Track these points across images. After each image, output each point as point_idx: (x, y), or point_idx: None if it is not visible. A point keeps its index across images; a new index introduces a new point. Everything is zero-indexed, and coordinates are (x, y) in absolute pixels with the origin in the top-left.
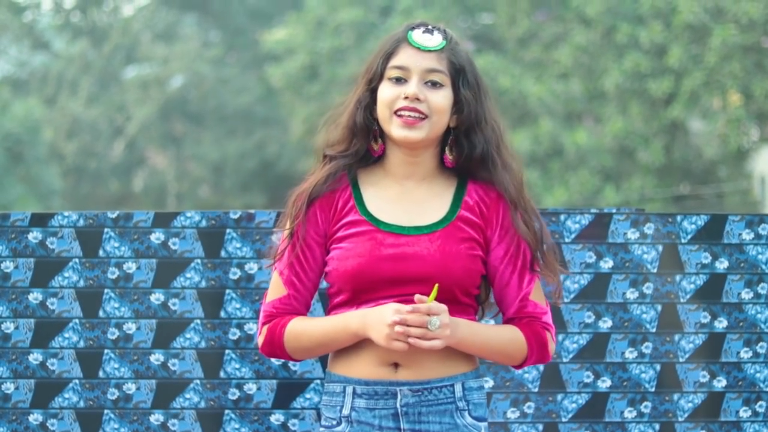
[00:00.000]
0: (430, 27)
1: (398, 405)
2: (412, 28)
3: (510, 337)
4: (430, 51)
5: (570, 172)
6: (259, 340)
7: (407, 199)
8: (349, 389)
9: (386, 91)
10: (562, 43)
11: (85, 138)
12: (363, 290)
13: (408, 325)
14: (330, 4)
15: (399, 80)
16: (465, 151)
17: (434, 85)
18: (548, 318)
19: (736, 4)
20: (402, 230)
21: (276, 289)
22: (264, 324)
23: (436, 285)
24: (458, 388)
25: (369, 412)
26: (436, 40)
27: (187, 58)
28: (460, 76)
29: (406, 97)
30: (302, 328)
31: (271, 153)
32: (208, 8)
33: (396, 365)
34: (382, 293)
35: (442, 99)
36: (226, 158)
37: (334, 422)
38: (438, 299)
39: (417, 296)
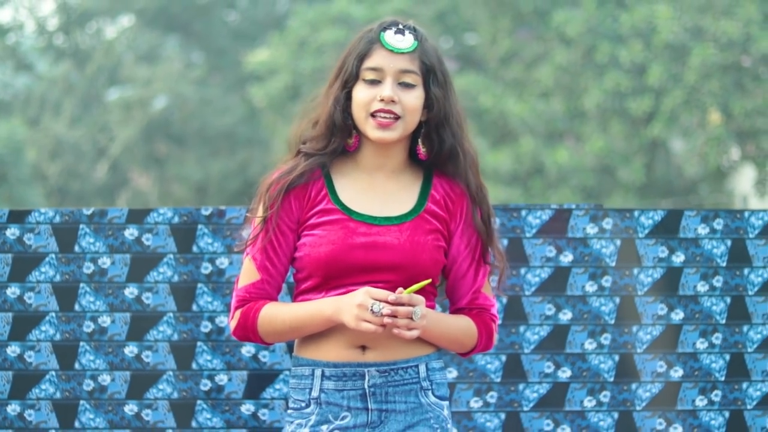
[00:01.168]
0: (401, 27)
1: (366, 386)
2: (384, 29)
3: (465, 327)
4: (402, 53)
5: (551, 191)
6: (232, 324)
7: (377, 191)
8: (318, 372)
9: (362, 93)
10: (543, 62)
11: (68, 159)
12: (333, 276)
13: (394, 315)
14: (312, 25)
15: (374, 82)
16: (435, 146)
17: (407, 86)
18: (495, 310)
19: (714, 24)
20: (373, 220)
21: (249, 274)
22: (237, 308)
23: (429, 280)
24: (422, 368)
25: (338, 393)
26: (408, 41)
27: (170, 79)
28: (431, 75)
29: (382, 100)
30: (275, 313)
31: (254, 173)
32: (191, 30)
33: (363, 348)
34: (352, 280)
35: (414, 99)
36: (209, 178)
37: (303, 404)
38: (404, 287)
39: (399, 289)
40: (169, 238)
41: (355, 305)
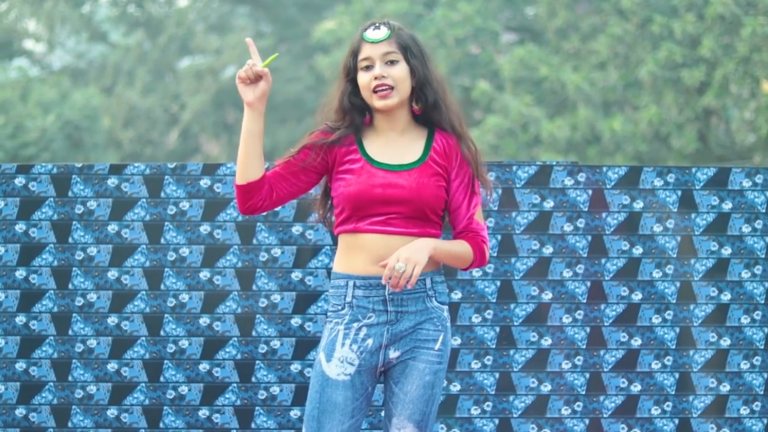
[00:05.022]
0: (377, 23)
1: (386, 294)
2: (366, 29)
3: (462, 248)
4: (381, 41)
5: (607, 158)
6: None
7: (392, 146)
8: (351, 282)
9: (363, 78)
10: (600, 34)
11: (141, 126)
12: (360, 207)
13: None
14: None
15: (368, 68)
16: (423, 102)
17: (392, 63)
18: (485, 233)
19: None
20: (389, 167)
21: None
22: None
23: (276, 54)
24: (428, 281)
25: (365, 299)
26: (382, 32)
27: (240, 48)
28: (407, 51)
29: (376, 77)
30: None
31: None
32: (260, 0)
33: (385, 266)
34: (374, 210)
35: (400, 71)
36: (277, 145)
37: (339, 307)
38: (414, 218)
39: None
40: (142, 186)
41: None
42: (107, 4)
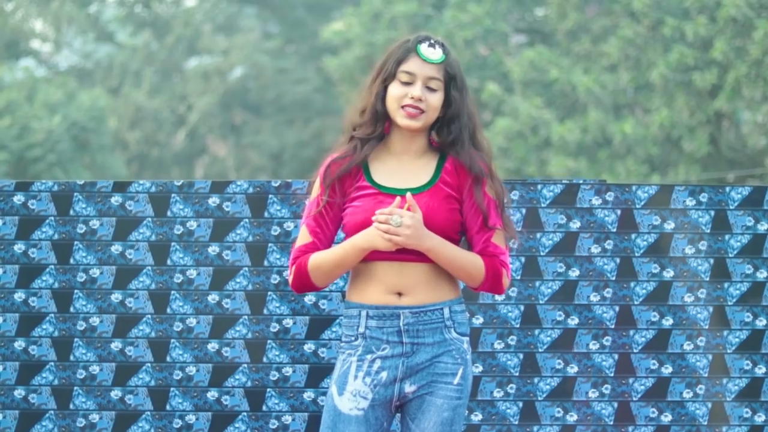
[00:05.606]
0: (433, 42)
1: (401, 324)
2: (420, 41)
3: (472, 260)
4: (432, 63)
5: (617, 161)
6: (290, 280)
7: (403, 169)
8: (364, 312)
9: (396, 90)
10: (611, 36)
11: (148, 127)
12: None
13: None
14: None
15: (406, 83)
16: (444, 137)
17: (431, 90)
18: (506, 258)
19: None
20: (399, 191)
21: (303, 237)
22: (292, 265)
23: (408, 194)
24: (446, 311)
25: (379, 330)
26: (438, 54)
27: (247, 49)
28: (452, 81)
29: (412, 97)
30: (321, 258)
31: (328, 141)
32: (268, 1)
33: (399, 294)
34: None
35: (436, 101)
36: (284, 147)
37: (352, 338)
38: None
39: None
40: (245, 205)
41: (374, 231)
42: (114, 4)
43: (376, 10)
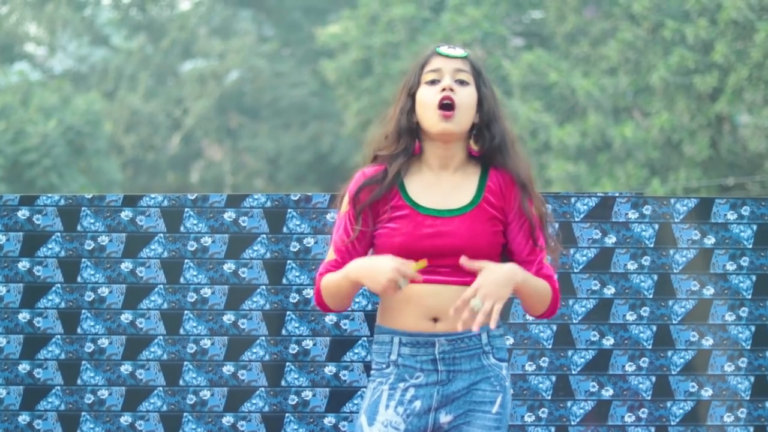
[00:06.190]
0: (452, 45)
1: (437, 352)
2: (439, 46)
3: (546, 290)
4: (456, 58)
5: (617, 165)
6: (315, 296)
7: (442, 186)
8: (396, 339)
9: (425, 93)
10: (610, 38)
11: (143, 131)
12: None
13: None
14: (383, 1)
15: (434, 82)
16: (486, 142)
17: (462, 83)
18: (555, 281)
19: None
20: (438, 213)
21: (329, 255)
22: (317, 282)
23: (423, 261)
24: (484, 336)
25: (412, 358)
26: (459, 51)
27: (243, 52)
28: (480, 77)
29: (443, 89)
30: (328, 279)
31: (325, 145)
32: (264, 4)
33: (435, 320)
34: None
35: (468, 95)
36: (281, 151)
37: (384, 365)
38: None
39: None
40: (262, 220)
41: (384, 280)
42: (109, 8)
43: (373, 13)
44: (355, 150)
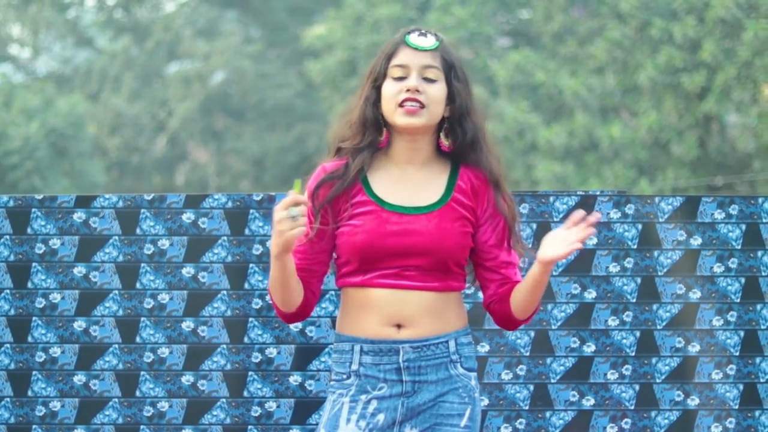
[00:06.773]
0: (423, 31)
1: (401, 360)
2: (409, 33)
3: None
4: (425, 50)
5: (605, 165)
6: (273, 305)
7: (408, 182)
8: (357, 347)
9: (390, 88)
10: (597, 38)
11: (128, 133)
12: (369, 260)
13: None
14: (368, 1)
15: (400, 78)
16: (458, 137)
17: (430, 81)
18: None
19: None
20: (404, 210)
21: None
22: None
23: (297, 181)
24: (452, 344)
25: (375, 367)
26: (430, 41)
27: (228, 53)
28: (452, 71)
29: (408, 90)
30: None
31: (311, 147)
32: (249, 5)
33: (398, 326)
34: (386, 263)
35: (437, 91)
36: (266, 152)
37: (344, 376)
38: (433, 270)
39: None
40: (223, 221)
41: (276, 228)
42: (93, 9)
43: (358, 14)
44: None
